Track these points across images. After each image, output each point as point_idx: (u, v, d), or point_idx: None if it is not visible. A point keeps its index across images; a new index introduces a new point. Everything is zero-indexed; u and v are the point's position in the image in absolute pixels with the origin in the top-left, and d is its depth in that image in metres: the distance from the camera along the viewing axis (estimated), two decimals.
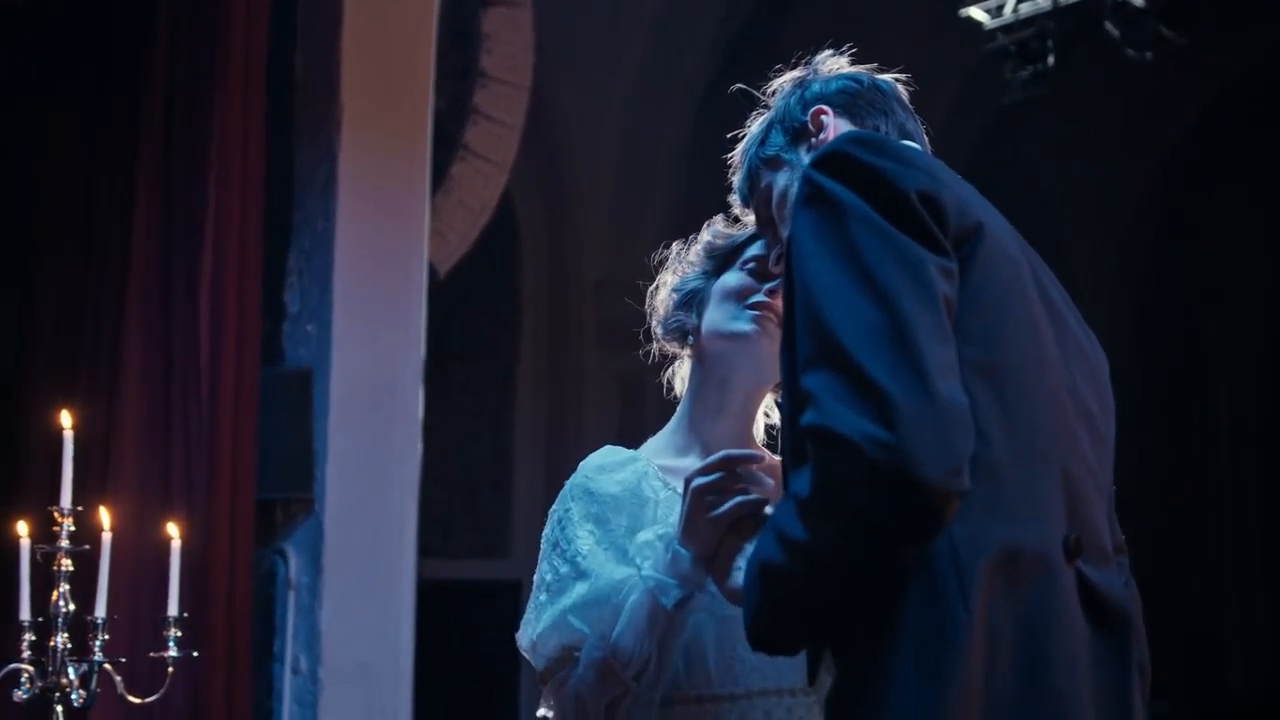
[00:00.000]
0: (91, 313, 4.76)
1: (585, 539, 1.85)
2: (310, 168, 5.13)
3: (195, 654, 2.84)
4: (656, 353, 2.04)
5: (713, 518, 1.69)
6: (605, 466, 1.92)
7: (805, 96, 1.81)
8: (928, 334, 1.38)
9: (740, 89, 1.94)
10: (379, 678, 4.95)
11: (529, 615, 1.87)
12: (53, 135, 5.03)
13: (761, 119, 1.88)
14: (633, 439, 1.99)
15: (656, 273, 2.05)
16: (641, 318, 2.07)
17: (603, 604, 1.78)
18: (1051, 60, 6.69)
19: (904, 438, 1.33)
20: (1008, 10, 6.81)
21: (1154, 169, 9.03)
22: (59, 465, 2.80)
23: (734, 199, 1.93)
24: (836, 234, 1.44)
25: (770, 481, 1.74)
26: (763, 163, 1.82)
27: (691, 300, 1.97)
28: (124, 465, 4.52)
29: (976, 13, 6.86)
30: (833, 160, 1.49)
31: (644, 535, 1.83)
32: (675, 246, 2.04)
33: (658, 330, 2.02)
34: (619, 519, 1.85)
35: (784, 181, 1.78)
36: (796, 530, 1.41)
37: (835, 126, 1.76)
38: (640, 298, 2.06)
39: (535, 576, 1.90)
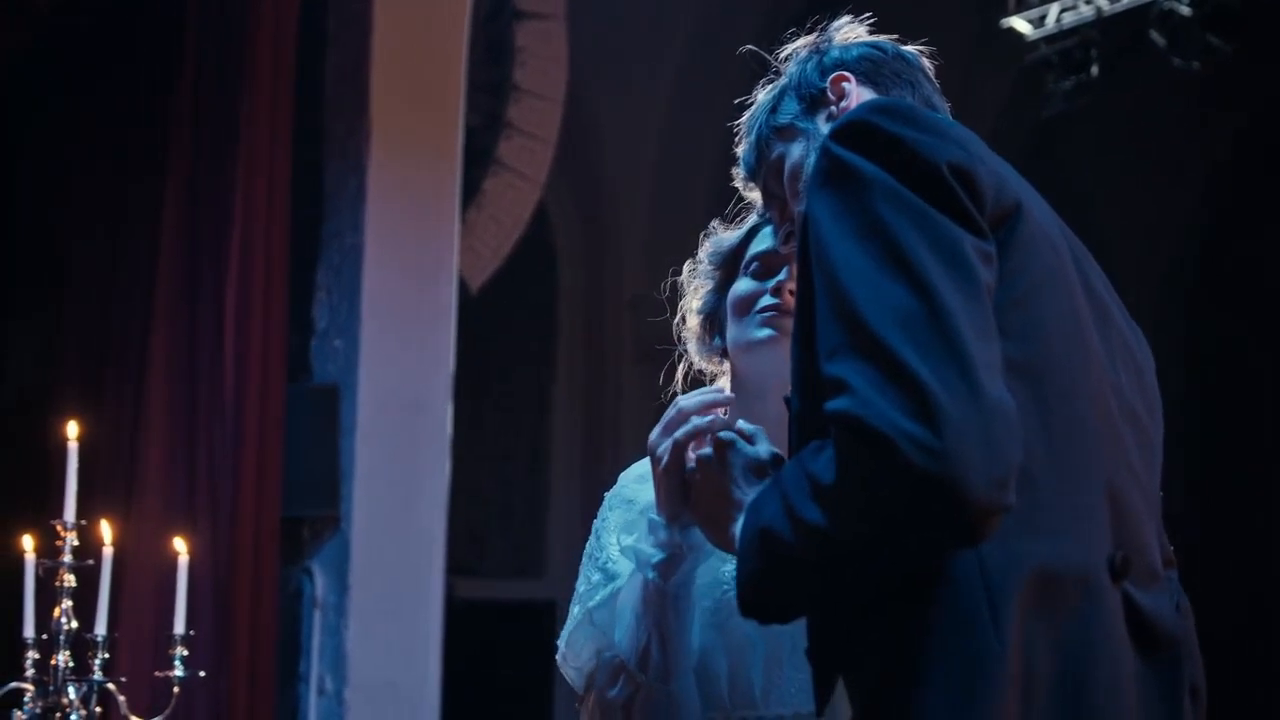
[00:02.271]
0: (118, 327, 4.73)
1: (616, 546, 1.78)
2: (339, 180, 5.07)
3: (202, 673, 2.75)
4: (703, 375, 1.94)
5: (661, 470, 1.63)
6: (645, 476, 1.82)
7: (824, 63, 1.65)
8: (971, 325, 1.22)
9: (750, 50, 1.79)
10: (406, 699, 4.87)
11: (563, 632, 1.80)
12: (79, 148, 5.01)
13: (772, 86, 1.72)
14: None
15: (676, 298, 1.95)
16: (673, 339, 1.98)
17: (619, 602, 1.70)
18: (1095, 70, 6.56)
19: (949, 443, 1.17)
20: (1050, 20, 6.69)
21: (1201, 181, 8.86)
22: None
23: (738, 171, 1.78)
24: (861, 212, 1.28)
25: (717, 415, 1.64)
26: (774, 132, 1.66)
27: (713, 321, 1.89)
28: (148, 482, 4.47)
29: (1018, 23, 6.74)
30: (854, 130, 1.34)
31: (625, 523, 1.77)
32: (686, 268, 1.94)
33: (698, 359, 1.93)
34: (638, 507, 1.77)
35: (798, 153, 1.62)
36: (812, 513, 1.25)
37: (858, 95, 1.60)
38: (671, 318, 1.97)
39: (574, 592, 1.83)
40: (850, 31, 1.71)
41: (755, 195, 1.79)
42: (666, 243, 9.12)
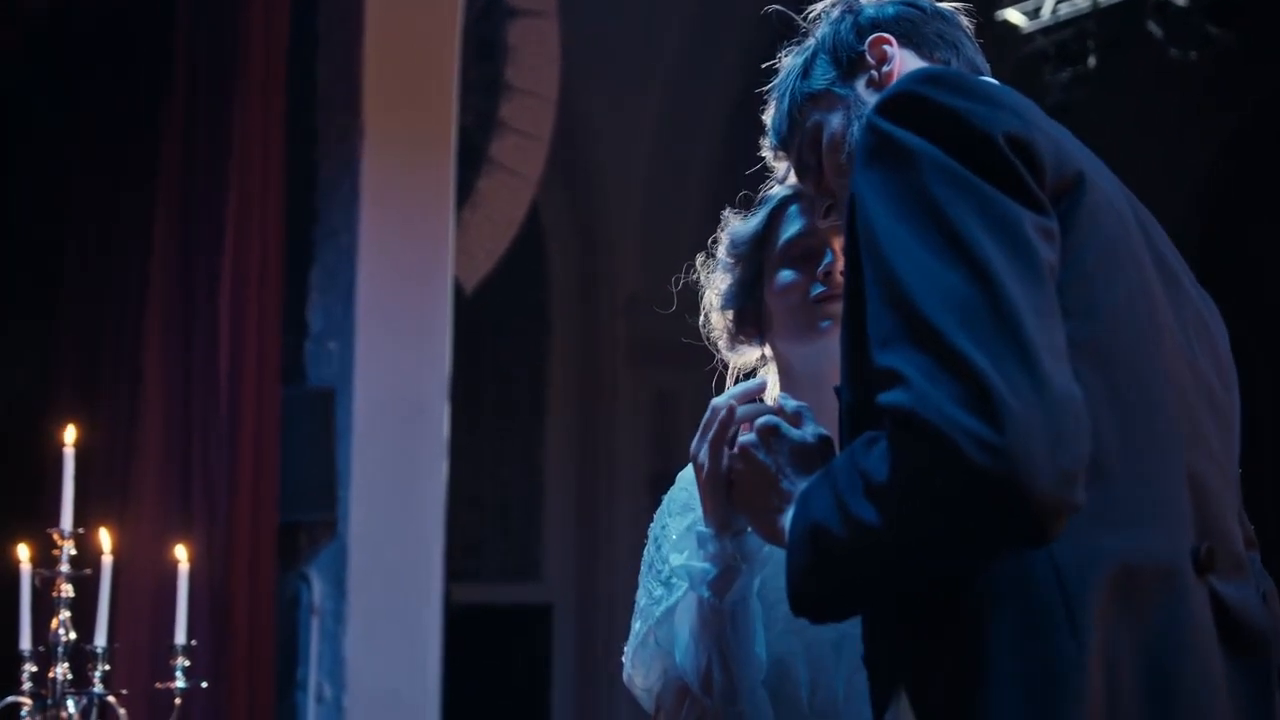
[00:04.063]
0: (112, 332, 4.67)
1: (679, 556, 1.66)
2: (333, 180, 5.01)
3: (204, 684, 2.68)
4: (734, 370, 1.82)
5: (705, 477, 1.51)
6: None
7: (859, 22, 1.53)
8: (1033, 310, 1.14)
9: (777, 9, 1.66)
10: (406, 705, 4.80)
11: (627, 648, 1.70)
12: (72, 151, 4.95)
13: (800, 50, 1.59)
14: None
15: (685, 295, 1.84)
16: (674, 333, 1.89)
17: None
18: (1092, 62, 6.51)
19: (1012, 439, 1.09)
20: (1045, 12, 6.64)
21: (1201, 171, 8.83)
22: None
23: (766, 141, 1.65)
24: (913, 192, 1.19)
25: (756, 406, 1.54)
26: (807, 99, 1.54)
27: (743, 315, 1.77)
28: (143, 488, 4.41)
29: (1013, 15, 6.69)
30: (902, 103, 1.25)
31: (673, 542, 1.65)
32: (699, 261, 1.83)
33: (729, 356, 1.82)
34: (687, 520, 1.66)
35: (838, 122, 1.51)
36: (865, 511, 1.17)
37: (901, 59, 1.49)
38: (673, 313, 1.86)
39: (635, 604, 1.72)
40: None
41: (782, 165, 1.69)
42: (661, 243, 9.06)
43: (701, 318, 1.82)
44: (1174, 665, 1.19)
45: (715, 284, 1.80)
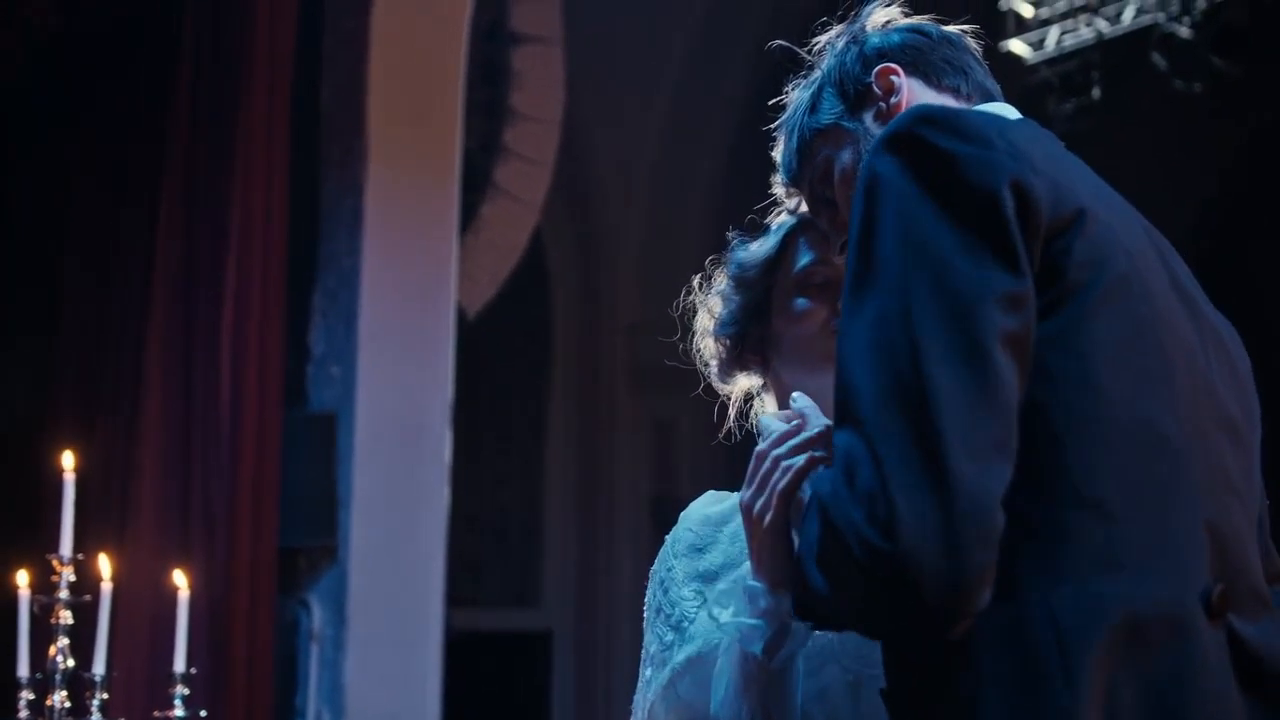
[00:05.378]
0: (111, 355, 4.64)
1: (690, 600, 1.61)
2: (336, 201, 4.99)
3: (203, 713, 2.64)
4: (736, 402, 1.76)
5: (767, 527, 1.43)
6: (710, 518, 1.66)
7: (864, 52, 1.50)
8: (963, 405, 1.14)
9: (781, 44, 1.61)
10: None
11: (637, 697, 1.63)
12: (76, 171, 4.93)
13: (806, 83, 1.55)
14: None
15: (685, 321, 1.78)
16: (674, 359, 1.82)
17: (710, 667, 1.52)
18: (1097, 93, 6.52)
19: (902, 547, 1.12)
20: (1050, 43, 6.65)
21: (1203, 203, 8.84)
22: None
23: (778, 179, 1.62)
24: (880, 253, 1.21)
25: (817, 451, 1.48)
26: (816, 134, 1.51)
27: (747, 341, 1.70)
28: (142, 513, 4.37)
29: (1018, 46, 6.70)
30: (899, 144, 1.24)
31: (721, 584, 1.58)
32: (696, 282, 1.77)
33: (718, 381, 1.75)
34: (733, 574, 1.59)
35: (848, 158, 1.48)
36: (815, 580, 1.20)
37: (909, 89, 1.47)
38: (674, 339, 1.80)
39: (643, 650, 1.66)
40: (885, 14, 1.55)
41: (794, 201, 1.66)
42: (661, 268, 9.05)
43: (693, 341, 1.77)
44: (1179, 711, 1.15)
45: (711, 308, 1.74)
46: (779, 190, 1.67)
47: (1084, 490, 1.18)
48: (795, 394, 1.48)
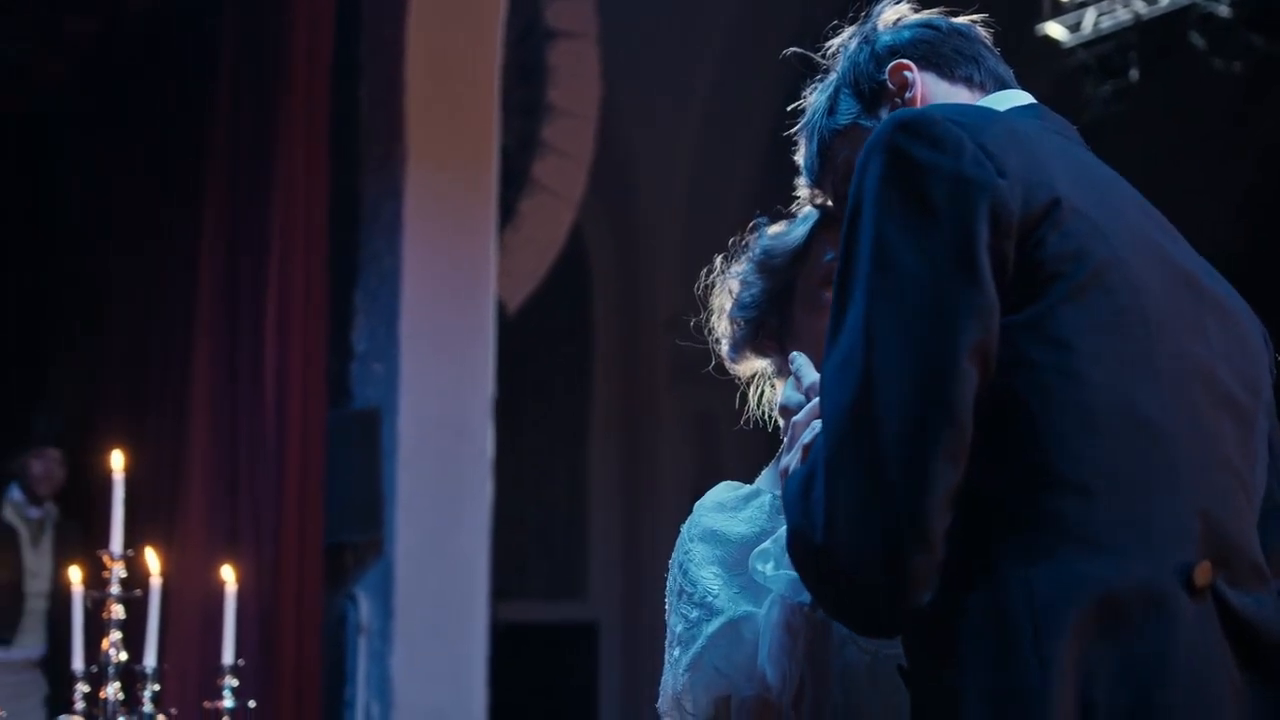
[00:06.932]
0: (158, 357, 4.73)
1: (712, 579, 1.62)
2: (376, 204, 5.06)
3: (252, 704, 2.70)
4: (738, 380, 1.78)
5: None
6: (726, 504, 1.68)
7: (876, 50, 1.52)
8: (910, 419, 1.20)
9: (795, 52, 1.64)
10: None
11: (665, 677, 1.64)
12: (119, 178, 5.02)
13: (823, 85, 1.57)
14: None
15: (704, 298, 1.79)
16: (716, 353, 1.82)
17: (740, 639, 1.55)
18: (1134, 74, 6.47)
19: (838, 562, 1.22)
20: (1087, 25, 6.61)
21: (1244, 183, 8.75)
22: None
23: (801, 181, 1.64)
24: (856, 264, 1.26)
25: None
26: (835, 135, 1.54)
27: (766, 327, 1.71)
28: (191, 511, 4.46)
29: (1054, 29, 6.67)
30: (878, 152, 1.28)
31: (758, 551, 1.58)
32: (718, 262, 1.78)
33: (730, 360, 1.77)
34: (768, 538, 1.59)
35: None
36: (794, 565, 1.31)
37: (923, 84, 1.48)
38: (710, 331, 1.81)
39: (667, 634, 1.67)
40: (895, 12, 1.57)
41: (820, 201, 1.67)
42: (701, 261, 9.06)
43: (709, 317, 1.79)
44: (1160, 691, 1.16)
45: (731, 288, 1.75)
46: (803, 193, 1.69)
47: (1065, 475, 1.19)
48: (794, 353, 1.50)
